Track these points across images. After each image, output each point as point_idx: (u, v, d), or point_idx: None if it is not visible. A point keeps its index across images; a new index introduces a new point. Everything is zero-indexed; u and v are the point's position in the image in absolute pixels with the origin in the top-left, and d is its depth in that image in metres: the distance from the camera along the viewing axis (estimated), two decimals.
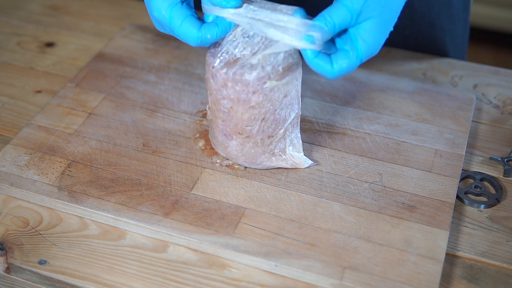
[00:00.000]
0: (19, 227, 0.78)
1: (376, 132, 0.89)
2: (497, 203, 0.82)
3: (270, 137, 0.79)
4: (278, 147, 0.80)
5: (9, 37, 1.13)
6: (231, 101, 0.76)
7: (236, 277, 0.73)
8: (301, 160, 0.82)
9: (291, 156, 0.82)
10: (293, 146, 0.81)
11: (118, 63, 1.02)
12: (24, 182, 0.81)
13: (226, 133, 0.79)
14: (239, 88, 0.74)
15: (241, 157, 0.81)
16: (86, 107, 0.93)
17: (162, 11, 0.73)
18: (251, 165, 0.82)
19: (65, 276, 0.72)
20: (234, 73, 0.74)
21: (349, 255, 0.73)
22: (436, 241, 0.74)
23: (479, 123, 0.95)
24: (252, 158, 0.81)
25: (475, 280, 0.74)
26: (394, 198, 0.80)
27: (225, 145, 0.81)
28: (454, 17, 1.06)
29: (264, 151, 0.80)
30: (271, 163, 0.82)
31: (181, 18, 0.73)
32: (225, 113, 0.77)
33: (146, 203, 0.78)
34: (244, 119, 0.77)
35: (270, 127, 0.78)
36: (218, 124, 0.80)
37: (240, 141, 0.79)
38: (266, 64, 0.74)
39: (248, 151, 0.80)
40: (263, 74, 0.74)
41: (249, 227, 0.76)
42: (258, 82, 0.74)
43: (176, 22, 0.73)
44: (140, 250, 0.75)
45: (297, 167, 0.83)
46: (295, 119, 0.80)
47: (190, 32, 0.73)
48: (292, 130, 0.80)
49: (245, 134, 0.78)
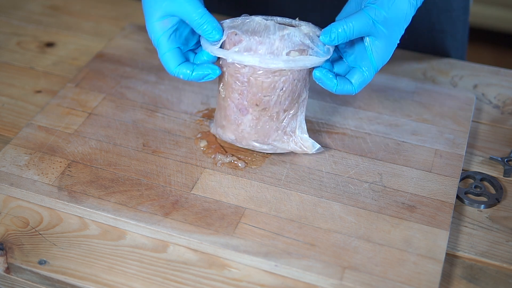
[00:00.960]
0: (19, 227, 0.78)
1: (376, 132, 0.89)
2: (497, 203, 0.82)
3: (285, 111, 0.80)
4: (290, 125, 0.82)
5: (9, 37, 1.13)
6: (252, 68, 0.77)
7: (236, 277, 0.73)
8: (309, 144, 0.84)
9: (300, 138, 0.83)
10: (301, 130, 0.83)
11: (118, 63, 1.02)
12: (24, 182, 0.81)
13: (242, 107, 0.80)
14: (263, 51, 0.76)
15: (253, 134, 0.82)
16: (86, 107, 0.93)
17: (152, 37, 0.78)
18: (262, 145, 0.83)
19: (65, 276, 0.72)
20: (260, 36, 0.76)
21: (349, 255, 0.73)
22: (436, 241, 0.74)
23: (479, 123, 0.95)
24: (264, 136, 0.82)
25: (475, 280, 0.74)
26: (394, 198, 0.80)
27: (238, 122, 0.82)
28: (454, 19, 1.07)
29: (278, 128, 0.81)
30: (282, 144, 0.82)
31: (166, 49, 0.78)
32: (244, 83, 0.79)
33: (146, 203, 0.78)
34: (264, 87, 0.78)
35: (287, 98, 0.79)
36: (233, 99, 0.81)
37: (256, 115, 0.80)
38: (289, 35, 0.76)
39: (263, 126, 0.81)
40: (287, 42, 0.75)
41: (249, 227, 0.76)
42: (282, 48, 0.75)
43: (161, 50, 0.78)
44: (140, 250, 0.75)
45: (305, 152, 0.84)
46: (305, 100, 0.82)
47: (168, 65, 0.79)
48: (303, 110, 0.82)
49: (262, 106, 0.80)
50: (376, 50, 0.76)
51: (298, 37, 0.76)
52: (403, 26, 0.77)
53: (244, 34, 0.76)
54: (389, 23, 0.75)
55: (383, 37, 0.75)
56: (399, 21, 0.76)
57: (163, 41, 0.77)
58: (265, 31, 0.76)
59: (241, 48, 0.76)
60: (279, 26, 0.76)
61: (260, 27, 0.77)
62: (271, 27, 0.76)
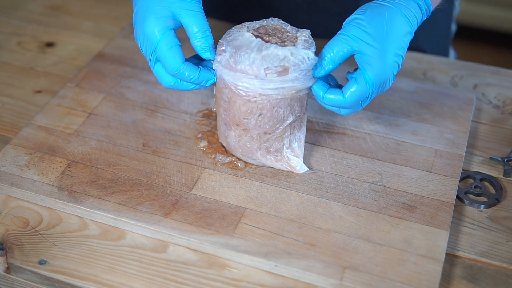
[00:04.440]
0: (19, 227, 0.78)
1: (376, 132, 0.89)
2: (497, 203, 0.82)
3: (267, 134, 0.79)
4: (274, 146, 0.81)
5: (9, 37, 1.13)
6: (230, 91, 0.77)
7: (236, 277, 0.73)
8: (296, 164, 0.82)
9: (287, 158, 0.82)
10: (292, 150, 0.82)
11: (118, 63, 1.02)
12: (24, 182, 0.81)
13: (226, 123, 0.81)
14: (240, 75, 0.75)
15: (238, 149, 0.82)
16: (86, 107, 0.93)
17: (155, 30, 0.76)
18: (248, 159, 0.83)
19: (65, 276, 0.72)
20: (234, 62, 0.75)
21: (349, 255, 0.73)
22: (436, 241, 0.74)
23: (479, 123, 0.95)
24: (248, 152, 0.81)
25: (475, 280, 0.74)
26: (394, 198, 0.80)
27: (226, 135, 0.82)
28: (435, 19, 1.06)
29: (260, 147, 0.80)
30: (266, 161, 0.82)
31: (170, 44, 0.76)
32: (226, 102, 0.79)
33: (146, 203, 0.78)
34: (242, 111, 0.78)
35: (267, 123, 0.78)
36: (221, 113, 0.81)
37: (238, 133, 0.80)
38: (268, 60, 0.74)
39: (244, 144, 0.81)
40: (263, 68, 0.74)
41: (249, 227, 0.76)
42: (260, 68, 0.74)
43: (163, 46, 0.76)
44: (140, 250, 0.75)
45: (292, 171, 0.83)
46: (296, 122, 0.80)
47: (173, 60, 0.76)
48: (292, 132, 0.80)
49: (242, 127, 0.79)
50: (367, 62, 0.74)
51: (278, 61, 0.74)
52: (395, 35, 0.75)
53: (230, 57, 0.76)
54: (373, 36, 0.74)
55: (370, 49, 0.74)
56: (385, 31, 0.74)
57: (168, 36, 0.76)
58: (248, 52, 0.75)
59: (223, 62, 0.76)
60: (262, 46, 0.75)
61: (246, 44, 0.76)
62: (254, 48, 0.75)
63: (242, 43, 0.76)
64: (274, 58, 0.74)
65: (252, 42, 0.75)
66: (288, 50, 0.75)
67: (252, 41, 0.76)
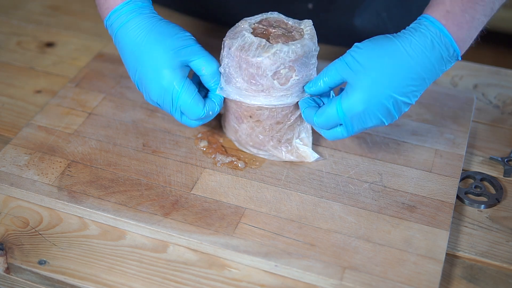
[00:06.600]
0: (19, 227, 0.78)
1: (376, 132, 0.89)
2: (497, 203, 0.82)
3: (279, 124, 0.80)
4: (285, 136, 0.82)
5: (9, 37, 1.13)
6: (245, 82, 0.77)
7: (236, 277, 0.72)
8: (307, 153, 0.83)
9: (297, 148, 0.82)
10: (301, 139, 0.83)
11: (118, 63, 1.02)
12: (24, 182, 0.81)
13: (237, 115, 0.81)
14: (253, 70, 0.75)
15: (249, 142, 0.83)
16: (86, 107, 0.93)
17: (174, 83, 0.77)
18: (259, 151, 0.83)
19: (65, 276, 0.72)
20: (248, 54, 0.75)
21: (349, 255, 0.73)
22: (436, 241, 0.74)
23: (479, 123, 0.95)
24: (259, 145, 0.82)
25: (475, 280, 0.73)
26: (394, 198, 0.80)
27: (236, 128, 0.83)
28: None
29: (272, 138, 0.81)
30: (277, 153, 0.83)
31: (191, 94, 0.77)
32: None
33: (146, 203, 0.78)
34: (254, 106, 0.79)
35: (280, 113, 0.79)
36: (231, 107, 0.81)
37: (250, 125, 0.81)
38: (281, 51, 0.75)
39: (257, 135, 0.81)
40: (277, 60, 0.75)
41: (249, 227, 0.76)
42: (271, 66, 0.75)
43: (185, 97, 0.77)
44: (140, 250, 0.75)
45: (303, 160, 0.83)
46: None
47: (197, 108, 0.78)
48: (302, 122, 0.82)
49: (255, 118, 0.80)
50: (347, 89, 0.73)
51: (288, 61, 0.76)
52: (395, 74, 0.72)
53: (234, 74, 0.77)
54: (364, 67, 0.72)
55: (353, 79, 0.73)
56: (380, 67, 0.72)
57: (188, 86, 0.77)
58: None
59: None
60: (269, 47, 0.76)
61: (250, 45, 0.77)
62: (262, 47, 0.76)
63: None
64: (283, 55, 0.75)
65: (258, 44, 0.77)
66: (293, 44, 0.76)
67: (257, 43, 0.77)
